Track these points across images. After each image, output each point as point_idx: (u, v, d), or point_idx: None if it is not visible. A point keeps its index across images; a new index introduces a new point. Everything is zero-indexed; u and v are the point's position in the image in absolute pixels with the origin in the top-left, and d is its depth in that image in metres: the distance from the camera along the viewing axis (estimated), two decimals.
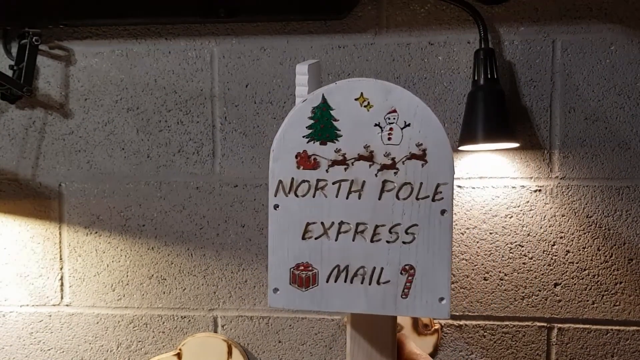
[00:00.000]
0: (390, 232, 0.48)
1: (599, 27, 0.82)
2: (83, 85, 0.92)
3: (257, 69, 0.88)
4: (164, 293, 0.92)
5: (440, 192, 0.46)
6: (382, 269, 0.49)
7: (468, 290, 0.87)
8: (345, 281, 0.50)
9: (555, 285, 0.85)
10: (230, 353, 0.90)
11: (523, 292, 0.86)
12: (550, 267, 0.85)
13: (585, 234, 0.84)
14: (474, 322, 0.87)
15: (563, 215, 0.84)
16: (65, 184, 0.93)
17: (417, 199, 0.47)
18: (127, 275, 0.93)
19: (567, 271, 0.85)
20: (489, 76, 0.79)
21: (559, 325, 0.86)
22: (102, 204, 0.92)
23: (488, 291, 0.86)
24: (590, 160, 0.83)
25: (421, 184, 0.47)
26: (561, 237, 0.85)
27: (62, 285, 0.94)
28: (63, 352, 0.95)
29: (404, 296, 0.49)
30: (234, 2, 0.85)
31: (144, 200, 0.92)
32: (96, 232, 0.93)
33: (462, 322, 0.87)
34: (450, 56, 0.85)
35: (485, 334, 0.87)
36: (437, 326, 0.87)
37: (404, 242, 0.48)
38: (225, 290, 0.91)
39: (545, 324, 0.86)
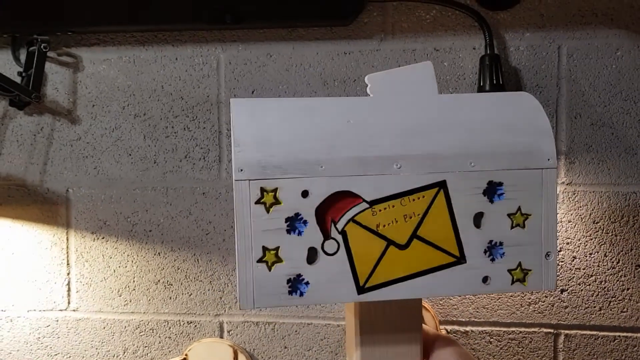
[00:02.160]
0: None
1: (604, 32, 0.82)
2: (90, 92, 0.92)
3: (263, 75, 0.89)
4: (170, 298, 0.93)
5: None
6: None
7: (474, 296, 0.86)
8: None
9: (562, 291, 0.85)
10: (236, 358, 0.90)
11: (529, 298, 0.85)
12: (557, 273, 0.85)
13: (591, 240, 0.84)
14: (480, 328, 0.87)
15: (569, 221, 0.84)
16: (73, 190, 0.93)
17: None
18: (134, 281, 0.93)
19: (573, 277, 0.85)
20: (495, 82, 0.79)
21: (566, 331, 0.85)
22: (109, 209, 0.93)
23: (494, 297, 0.86)
24: (596, 165, 0.83)
25: None
26: (567, 243, 0.84)
27: (69, 290, 0.95)
28: (70, 357, 0.96)
29: None
30: (240, 9, 0.85)
31: (151, 206, 0.92)
32: (103, 238, 0.93)
33: (468, 328, 0.87)
34: (456, 62, 0.85)
35: (491, 340, 0.87)
36: (442, 332, 0.87)
37: None
38: (232, 296, 0.92)
39: (552, 330, 0.86)
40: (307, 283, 0.53)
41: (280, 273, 0.53)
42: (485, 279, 0.55)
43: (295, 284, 0.54)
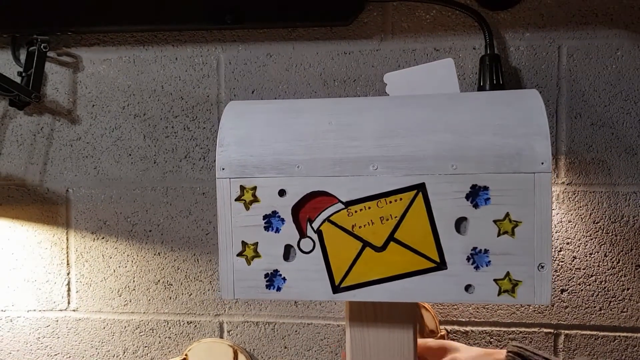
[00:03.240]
0: None
1: (604, 32, 0.82)
2: (90, 92, 0.92)
3: (263, 75, 0.89)
4: (170, 298, 0.93)
5: None
6: None
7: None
8: None
9: (562, 291, 0.85)
10: (236, 358, 0.90)
11: None
12: (557, 273, 0.85)
13: (592, 240, 0.84)
14: (480, 328, 0.87)
15: (570, 221, 0.84)
16: (73, 190, 0.93)
17: None
18: (134, 281, 0.93)
19: (573, 277, 0.85)
20: (495, 82, 0.79)
21: (566, 331, 0.85)
22: (109, 209, 0.93)
23: None
24: (596, 166, 0.83)
25: None
26: (568, 243, 0.84)
27: (69, 290, 0.95)
28: (70, 357, 0.96)
29: None
30: (240, 9, 0.85)
31: (151, 206, 0.92)
32: (103, 238, 0.93)
33: (468, 328, 0.87)
34: (456, 62, 0.85)
35: (491, 340, 0.87)
36: (443, 332, 0.87)
37: None
38: None
39: (552, 330, 0.86)
40: (284, 279, 0.55)
41: (258, 267, 0.55)
42: (468, 288, 0.52)
43: (273, 279, 0.56)
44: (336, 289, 0.54)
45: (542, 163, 0.49)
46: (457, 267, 0.52)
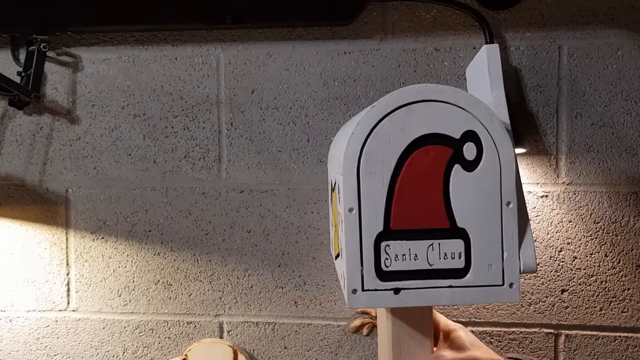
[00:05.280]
0: None
1: (605, 32, 0.82)
2: (90, 92, 0.92)
3: (263, 75, 0.89)
4: (170, 298, 0.92)
5: None
6: None
7: None
8: None
9: (563, 291, 0.85)
10: (236, 359, 0.90)
11: (530, 299, 0.85)
12: (557, 273, 0.85)
13: (592, 240, 0.84)
14: (480, 329, 0.87)
15: (570, 221, 0.84)
16: (72, 190, 0.93)
17: None
18: (133, 281, 0.93)
19: (574, 277, 0.84)
20: None
21: (566, 331, 0.85)
22: (108, 209, 0.93)
23: None
24: (597, 165, 0.83)
25: None
26: (568, 243, 0.84)
27: (68, 290, 0.94)
28: (69, 357, 0.95)
29: None
30: (240, 9, 0.85)
31: (150, 206, 0.92)
32: (102, 238, 0.93)
33: (468, 328, 0.87)
34: (456, 62, 0.85)
35: (492, 340, 0.87)
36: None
37: None
38: (231, 296, 0.91)
39: (552, 331, 0.86)
40: None
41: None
42: None
43: None
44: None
45: None
46: None
